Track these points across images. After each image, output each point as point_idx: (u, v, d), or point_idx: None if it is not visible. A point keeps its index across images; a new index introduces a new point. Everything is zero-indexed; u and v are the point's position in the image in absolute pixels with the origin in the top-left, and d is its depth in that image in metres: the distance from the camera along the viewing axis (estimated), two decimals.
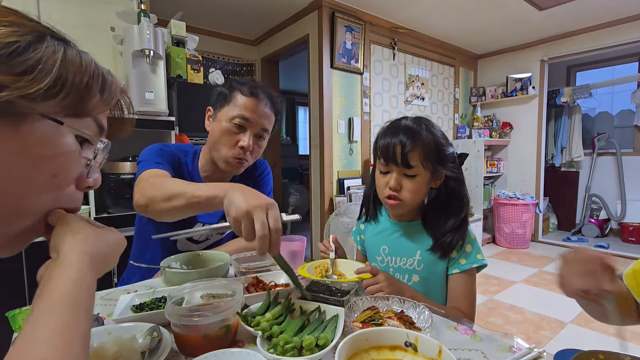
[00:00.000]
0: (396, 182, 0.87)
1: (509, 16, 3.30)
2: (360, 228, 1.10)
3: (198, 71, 2.09)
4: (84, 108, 0.40)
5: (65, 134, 0.38)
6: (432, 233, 0.91)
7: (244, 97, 0.99)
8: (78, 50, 0.40)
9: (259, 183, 1.20)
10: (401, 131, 0.86)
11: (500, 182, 4.40)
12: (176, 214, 0.79)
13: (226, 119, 1.00)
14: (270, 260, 0.98)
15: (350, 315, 0.68)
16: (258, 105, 1.00)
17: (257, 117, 1.00)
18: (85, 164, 0.42)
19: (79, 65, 0.38)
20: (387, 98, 3.52)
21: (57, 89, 0.36)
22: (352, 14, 3.08)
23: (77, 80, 0.38)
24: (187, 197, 0.75)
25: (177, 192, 0.77)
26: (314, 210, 3.25)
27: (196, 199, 0.73)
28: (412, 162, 0.85)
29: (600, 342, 1.97)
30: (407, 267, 0.93)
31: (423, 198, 0.93)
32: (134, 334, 0.58)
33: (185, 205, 0.75)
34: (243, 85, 1.01)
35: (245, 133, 1.00)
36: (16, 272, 1.43)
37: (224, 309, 0.58)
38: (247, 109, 0.99)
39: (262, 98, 1.01)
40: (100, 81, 0.41)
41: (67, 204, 0.42)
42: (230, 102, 1.00)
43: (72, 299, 0.34)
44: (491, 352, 0.59)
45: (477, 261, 0.88)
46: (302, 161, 6.05)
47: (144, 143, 1.32)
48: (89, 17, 1.91)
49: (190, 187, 0.77)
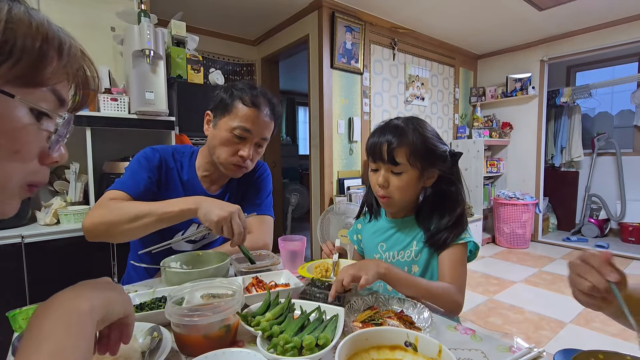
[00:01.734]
0: (384, 179, 0.89)
1: (509, 16, 3.30)
2: (357, 228, 1.11)
3: (198, 71, 2.09)
4: (38, 77, 0.35)
5: (17, 106, 0.33)
6: (423, 227, 0.92)
7: (245, 108, 0.99)
8: (27, 7, 0.34)
9: (259, 185, 1.20)
10: (389, 130, 0.89)
11: (500, 182, 4.40)
12: (146, 230, 0.88)
13: (227, 128, 0.99)
14: (270, 260, 0.99)
15: (350, 315, 0.68)
16: (259, 115, 1.00)
17: (258, 127, 1.00)
18: (47, 138, 0.38)
19: (29, 25, 0.33)
20: (387, 98, 3.52)
21: (3, 57, 0.31)
22: (352, 14, 3.08)
23: (28, 45, 0.32)
24: (157, 214, 0.86)
25: (143, 212, 0.86)
26: (314, 210, 3.25)
27: (168, 214, 0.86)
28: (398, 159, 0.86)
29: (600, 342, 1.97)
30: (405, 259, 0.94)
31: (413, 196, 0.93)
32: (134, 334, 0.57)
33: (157, 221, 0.86)
34: (244, 93, 0.99)
35: (245, 143, 1.01)
36: (16, 271, 1.43)
37: (224, 309, 0.58)
38: (248, 120, 0.98)
39: (263, 108, 1.00)
40: (57, 45, 0.36)
41: (34, 178, 0.38)
42: (231, 111, 0.99)
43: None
44: (491, 352, 0.59)
45: (463, 238, 0.87)
46: (302, 161, 6.05)
47: (144, 143, 1.33)
48: (89, 17, 1.91)
49: (156, 205, 0.88)
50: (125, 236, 0.91)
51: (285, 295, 0.73)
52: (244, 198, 1.17)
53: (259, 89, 1.04)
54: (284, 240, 1.02)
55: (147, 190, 0.98)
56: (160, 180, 1.04)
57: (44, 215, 1.61)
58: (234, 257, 0.97)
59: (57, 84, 0.37)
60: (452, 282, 0.84)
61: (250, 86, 1.02)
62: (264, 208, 1.17)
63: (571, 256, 3.56)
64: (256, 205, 1.16)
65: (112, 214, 0.87)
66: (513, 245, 3.91)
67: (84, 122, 1.68)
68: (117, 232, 0.87)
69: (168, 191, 1.04)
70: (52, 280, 1.48)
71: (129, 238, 0.95)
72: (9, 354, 0.57)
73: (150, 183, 1.00)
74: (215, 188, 1.13)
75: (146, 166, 1.01)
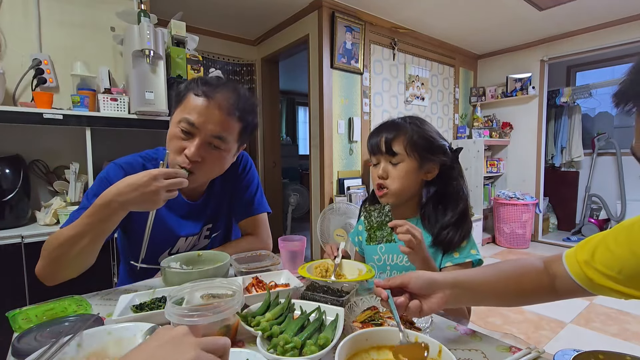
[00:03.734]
0: (383, 170, 0.92)
1: (509, 16, 3.30)
2: (358, 229, 1.11)
3: (198, 71, 2.09)
4: None
5: None
6: (430, 229, 0.91)
7: (195, 98, 0.86)
8: None
9: (245, 179, 1.11)
10: (387, 126, 0.94)
11: (500, 182, 4.40)
12: (93, 250, 0.79)
13: (175, 121, 0.88)
14: (270, 260, 0.98)
15: (350, 315, 0.68)
16: (209, 107, 0.85)
17: (205, 121, 0.85)
18: None
19: None
20: (387, 98, 3.52)
21: None
22: (352, 14, 3.08)
23: None
24: (85, 231, 0.75)
25: (70, 235, 0.75)
26: (314, 210, 3.24)
27: (94, 225, 0.75)
28: (395, 148, 0.90)
29: (600, 342, 1.97)
30: (403, 264, 0.93)
31: (412, 188, 0.92)
32: (134, 334, 0.57)
33: (92, 239, 0.76)
34: (202, 85, 0.88)
35: (191, 140, 0.86)
36: (16, 272, 1.43)
37: (224, 309, 0.58)
38: (194, 112, 0.85)
39: (218, 100, 0.86)
40: None
41: None
42: (182, 102, 0.88)
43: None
44: (491, 352, 0.59)
45: (470, 255, 0.87)
46: (302, 161, 6.05)
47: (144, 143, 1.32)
48: (89, 17, 1.91)
49: (78, 224, 0.76)
50: (80, 264, 0.81)
51: (285, 295, 0.73)
52: (232, 198, 1.10)
53: (229, 84, 0.91)
54: (284, 240, 1.02)
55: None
56: None
57: (43, 216, 1.61)
58: (234, 257, 0.97)
59: None
60: None
61: (217, 78, 0.92)
62: (257, 206, 1.12)
63: None
64: (248, 204, 1.11)
65: (50, 254, 0.78)
66: (513, 245, 3.91)
67: (84, 122, 1.68)
68: (66, 264, 0.78)
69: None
70: None
71: (86, 263, 0.82)
72: (9, 354, 0.57)
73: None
74: (195, 196, 1.03)
75: (104, 187, 0.82)
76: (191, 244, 1.06)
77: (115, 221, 0.78)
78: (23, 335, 0.58)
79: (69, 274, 0.81)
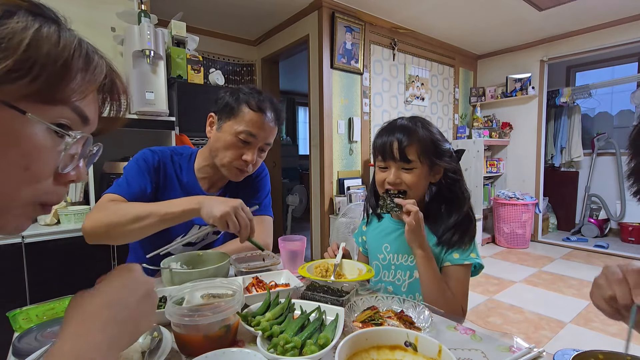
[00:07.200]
0: (395, 176, 0.90)
1: (509, 16, 3.30)
2: (362, 229, 1.12)
3: (198, 71, 2.09)
4: (58, 94, 0.34)
5: (29, 123, 0.32)
6: (434, 229, 0.93)
7: (252, 112, 0.99)
8: (60, 28, 0.34)
9: (257, 185, 1.20)
10: (397, 129, 0.91)
11: (500, 182, 4.40)
12: (147, 231, 0.88)
13: (232, 132, 0.99)
14: (270, 260, 0.99)
15: (350, 315, 0.68)
16: (265, 121, 1.00)
17: (263, 132, 1.01)
18: (69, 157, 0.37)
19: (55, 44, 0.33)
20: (387, 98, 3.53)
21: (22, 72, 0.30)
22: (352, 14, 3.08)
23: (50, 62, 0.32)
24: (159, 214, 0.85)
25: (144, 213, 0.86)
26: (314, 210, 3.25)
27: (170, 215, 0.86)
28: (410, 156, 0.89)
29: (600, 342, 1.97)
30: (408, 264, 0.94)
31: (423, 191, 0.95)
32: None
33: (159, 222, 0.86)
34: (251, 97, 1.00)
35: (250, 147, 1.01)
36: (16, 271, 1.43)
37: (224, 309, 0.58)
38: (254, 126, 0.99)
39: (268, 113, 1.01)
40: (82, 64, 0.35)
41: (46, 198, 0.37)
42: (237, 115, 1.00)
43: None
44: (491, 351, 0.60)
45: (469, 259, 0.89)
46: (302, 161, 6.05)
47: (144, 143, 1.33)
48: (89, 17, 1.91)
49: (157, 206, 0.87)
50: (125, 238, 0.91)
51: (285, 295, 0.73)
52: (243, 199, 1.17)
53: (265, 94, 1.04)
54: (284, 240, 1.02)
55: (143, 194, 0.99)
56: (159, 182, 1.04)
57: (44, 216, 1.61)
58: (234, 257, 0.97)
59: (80, 102, 0.36)
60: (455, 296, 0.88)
61: (257, 91, 1.03)
62: (263, 208, 1.17)
63: (571, 256, 3.56)
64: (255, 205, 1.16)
65: (112, 215, 0.87)
66: (513, 245, 3.91)
67: None
68: (117, 233, 0.87)
69: (167, 193, 1.04)
70: (52, 280, 1.48)
71: (129, 240, 0.95)
72: (9, 354, 0.57)
73: (147, 186, 1.00)
74: (214, 190, 1.13)
75: (145, 169, 1.01)
76: (201, 237, 1.10)
77: (183, 220, 0.89)
78: (23, 335, 0.59)
79: (115, 242, 0.95)
